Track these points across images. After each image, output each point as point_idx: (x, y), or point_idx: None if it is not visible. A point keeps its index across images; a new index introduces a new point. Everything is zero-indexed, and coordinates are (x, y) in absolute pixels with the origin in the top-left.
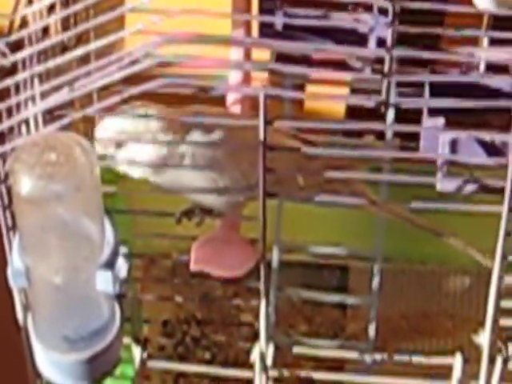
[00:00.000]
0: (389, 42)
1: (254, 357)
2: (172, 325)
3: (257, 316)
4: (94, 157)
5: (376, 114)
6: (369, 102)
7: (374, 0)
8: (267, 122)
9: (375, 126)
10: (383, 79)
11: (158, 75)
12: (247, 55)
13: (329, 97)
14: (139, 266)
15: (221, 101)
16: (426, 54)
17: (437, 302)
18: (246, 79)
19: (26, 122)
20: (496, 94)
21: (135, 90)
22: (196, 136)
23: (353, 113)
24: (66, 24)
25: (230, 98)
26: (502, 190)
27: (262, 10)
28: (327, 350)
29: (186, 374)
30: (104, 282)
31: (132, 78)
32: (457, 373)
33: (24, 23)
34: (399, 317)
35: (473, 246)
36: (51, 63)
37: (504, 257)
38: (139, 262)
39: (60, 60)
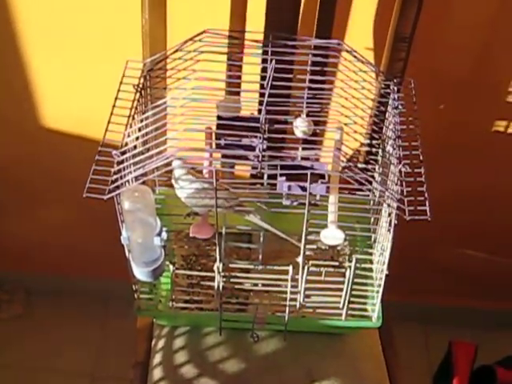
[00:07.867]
0: (260, 149)
1: (215, 268)
2: (185, 257)
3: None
4: (152, 194)
5: (260, 176)
6: (256, 172)
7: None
8: (217, 180)
9: (259, 181)
10: (260, 164)
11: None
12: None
13: (239, 171)
14: (172, 235)
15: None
16: (281, 154)
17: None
18: (210, 164)
19: (128, 181)
20: (309, 168)
21: (167, 168)
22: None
23: (254, 176)
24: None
25: (204, 171)
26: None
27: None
28: (245, 265)
29: (193, 277)
30: (157, 241)
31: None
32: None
33: (125, 142)
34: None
35: (295, 228)
36: (137, 159)
37: (306, 234)
38: (172, 234)
39: (139, 158)
